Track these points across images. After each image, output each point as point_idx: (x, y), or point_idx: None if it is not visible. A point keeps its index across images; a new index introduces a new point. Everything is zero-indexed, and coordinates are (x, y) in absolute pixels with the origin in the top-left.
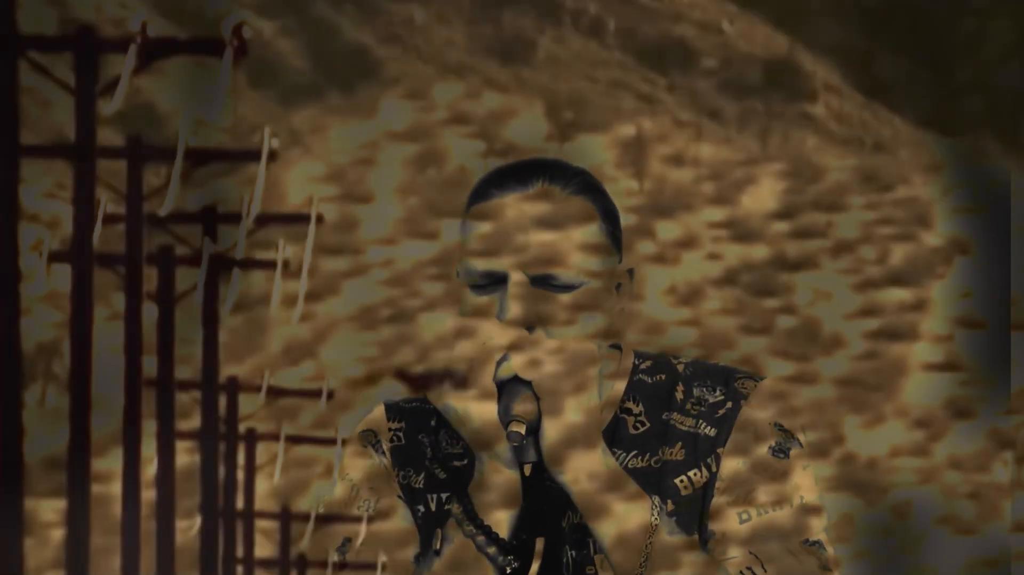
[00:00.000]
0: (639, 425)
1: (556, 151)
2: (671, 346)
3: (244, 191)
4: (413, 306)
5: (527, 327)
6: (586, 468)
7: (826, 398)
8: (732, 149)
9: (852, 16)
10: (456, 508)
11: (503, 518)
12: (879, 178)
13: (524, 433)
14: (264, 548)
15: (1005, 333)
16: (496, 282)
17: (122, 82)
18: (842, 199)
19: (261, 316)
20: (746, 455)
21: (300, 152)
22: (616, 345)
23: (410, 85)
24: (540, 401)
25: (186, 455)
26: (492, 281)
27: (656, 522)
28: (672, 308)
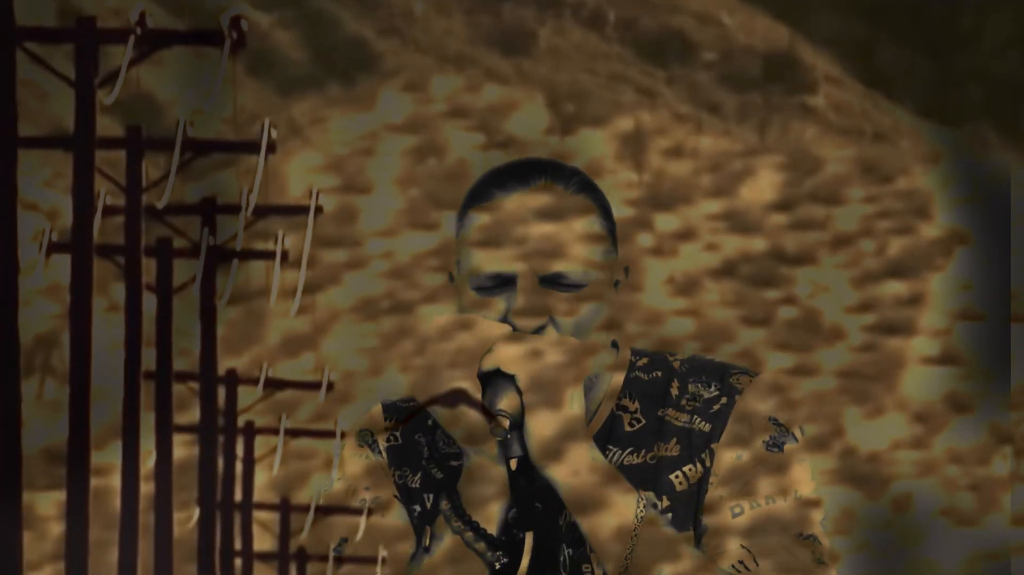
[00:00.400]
0: (635, 422)
1: (557, 144)
2: (669, 336)
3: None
4: (413, 298)
5: (537, 328)
6: (573, 462)
7: (827, 390)
8: (731, 141)
9: (852, 8)
10: (445, 504)
11: (492, 514)
12: (879, 169)
13: (508, 427)
14: (263, 541)
15: (1005, 326)
16: (503, 284)
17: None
18: (841, 191)
19: (260, 308)
20: (741, 449)
21: (300, 143)
22: (613, 343)
23: (409, 77)
24: (523, 395)
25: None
26: (499, 283)
27: (642, 516)
28: (670, 299)
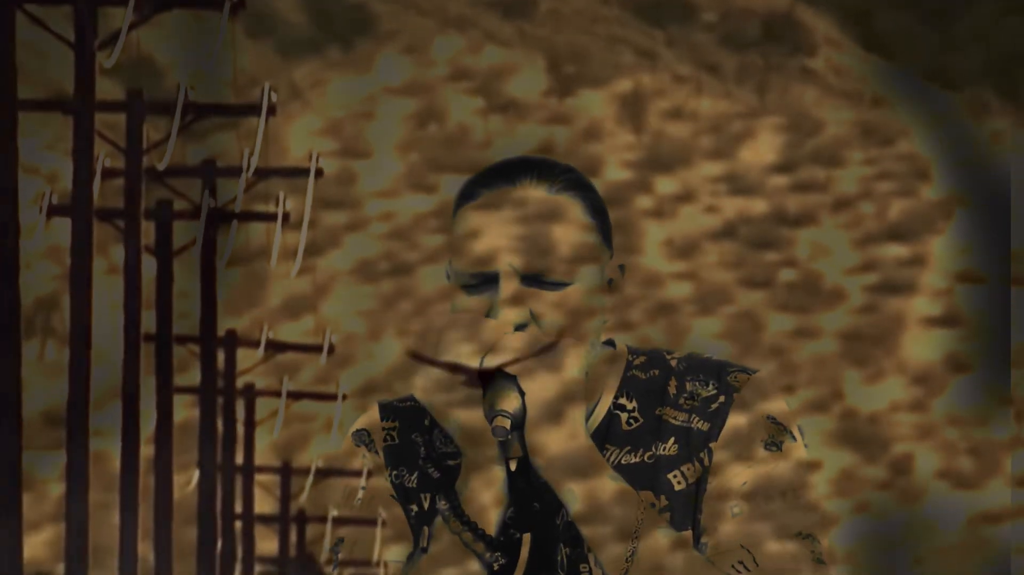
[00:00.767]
0: (632, 421)
1: (556, 106)
2: (668, 299)
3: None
4: (413, 259)
5: (518, 326)
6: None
7: (827, 352)
8: (731, 103)
9: None
10: (443, 504)
11: (491, 514)
12: (879, 131)
13: (509, 428)
14: (264, 503)
15: (1005, 287)
16: (486, 282)
17: (122, 35)
18: (841, 153)
19: (260, 269)
20: (739, 448)
21: (300, 106)
22: (609, 342)
23: (410, 40)
24: (524, 395)
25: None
26: (483, 281)
27: (643, 517)
28: (669, 262)
